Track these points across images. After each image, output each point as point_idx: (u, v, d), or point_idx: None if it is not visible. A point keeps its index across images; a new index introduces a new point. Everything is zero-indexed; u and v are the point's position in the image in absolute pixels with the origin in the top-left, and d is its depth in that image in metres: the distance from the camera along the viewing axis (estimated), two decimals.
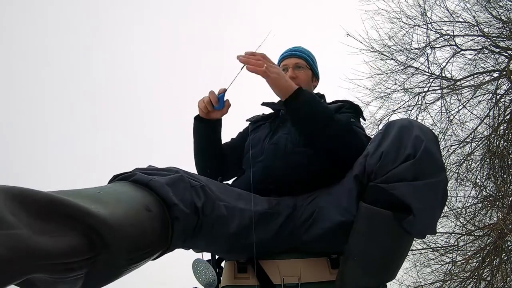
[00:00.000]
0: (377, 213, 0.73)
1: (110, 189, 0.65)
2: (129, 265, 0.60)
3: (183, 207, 0.71)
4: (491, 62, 4.64)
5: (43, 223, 0.48)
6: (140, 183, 0.69)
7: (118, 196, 0.63)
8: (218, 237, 0.83)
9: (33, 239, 0.45)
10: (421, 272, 4.42)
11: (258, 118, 1.29)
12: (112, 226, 0.54)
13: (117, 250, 0.55)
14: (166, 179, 0.72)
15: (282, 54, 1.34)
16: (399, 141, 0.73)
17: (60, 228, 0.49)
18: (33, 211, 0.47)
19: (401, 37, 4.73)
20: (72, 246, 0.50)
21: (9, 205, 0.45)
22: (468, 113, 4.75)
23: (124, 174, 0.72)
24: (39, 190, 0.50)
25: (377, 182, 0.74)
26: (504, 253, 3.70)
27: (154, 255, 0.68)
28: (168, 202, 0.69)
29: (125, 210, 0.60)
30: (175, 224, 0.69)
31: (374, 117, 4.91)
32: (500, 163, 4.32)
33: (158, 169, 0.78)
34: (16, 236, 0.44)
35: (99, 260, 0.53)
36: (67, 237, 0.50)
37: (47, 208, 0.49)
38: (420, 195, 0.69)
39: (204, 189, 0.80)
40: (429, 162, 0.70)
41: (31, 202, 0.48)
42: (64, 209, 0.50)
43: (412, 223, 0.70)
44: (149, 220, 0.63)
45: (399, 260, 0.79)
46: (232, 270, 0.92)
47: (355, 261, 0.78)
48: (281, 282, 0.88)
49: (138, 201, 0.65)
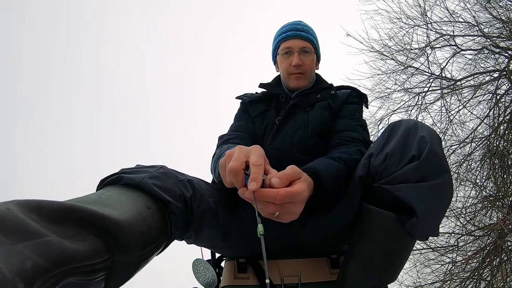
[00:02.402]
0: (380, 214, 0.73)
1: (109, 193, 0.67)
2: (141, 261, 0.63)
3: (175, 202, 0.72)
4: (491, 62, 4.64)
5: (64, 229, 0.50)
6: (131, 186, 0.70)
7: (119, 199, 0.65)
8: (207, 229, 0.83)
9: (63, 244, 0.48)
10: (421, 272, 4.41)
11: (253, 98, 1.19)
12: (123, 226, 0.57)
13: (129, 248, 0.58)
14: (153, 175, 0.73)
15: (284, 31, 1.17)
16: (404, 142, 0.72)
17: (79, 232, 0.52)
18: (53, 220, 0.50)
19: (401, 37, 4.73)
20: (94, 249, 0.53)
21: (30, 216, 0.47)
22: (468, 113, 4.75)
23: (111, 178, 0.73)
24: (52, 200, 0.52)
25: (381, 183, 0.73)
26: (504, 253, 3.69)
27: (160, 248, 0.70)
28: (163, 200, 0.70)
29: (130, 210, 0.62)
30: (171, 218, 0.71)
31: (374, 117, 4.92)
32: (500, 163, 4.32)
33: (143, 167, 0.79)
34: (48, 244, 0.46)
35: (115, 260, 0.56)
36: (87, 240, 0.52)
37: (64, 215, 0.51)
38: (424, 197, 0.68)
39: (191, 183, 0.81)
40: (434, 163, 0.69)
41: (49, 211, 0.50)
42: (79, 215, 0.53)
43: (415, 226, 0.69)
44: (151, 217, 0.66)
45: (400, 262, 0.79)
46: (232, 270, 0.92)
47: (357, 262, 0.77)
48: (281, 282, 0.88)
49: (137, 201, 0.67)
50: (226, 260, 0.98)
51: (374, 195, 0.76)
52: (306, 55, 1.14)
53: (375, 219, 0.74)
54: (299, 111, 1.10)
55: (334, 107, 1.10)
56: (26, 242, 0.44)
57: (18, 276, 0.40)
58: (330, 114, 1.08)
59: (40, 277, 0.43)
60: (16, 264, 0.41)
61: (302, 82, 1.15)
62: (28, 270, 0.41)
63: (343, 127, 1.05)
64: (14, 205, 0.47)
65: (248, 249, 0.92)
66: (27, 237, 0.44)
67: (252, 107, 1.17)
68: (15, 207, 0.47)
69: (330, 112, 1.09)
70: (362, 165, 0.79)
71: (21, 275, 0.40)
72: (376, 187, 0.75)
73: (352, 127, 1.04)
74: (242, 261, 0.92)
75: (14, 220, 0.45)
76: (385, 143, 0.76)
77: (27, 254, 0.42)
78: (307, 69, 1.15)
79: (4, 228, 0.43)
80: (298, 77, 1.14)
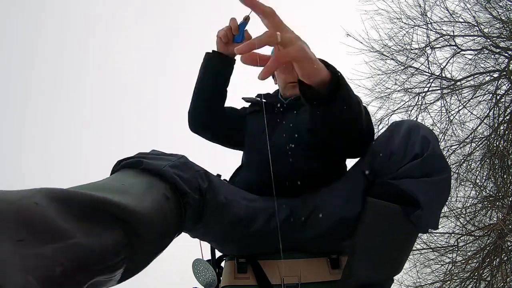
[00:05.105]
0: (385, 206, 0.75)
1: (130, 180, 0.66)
2: (156, 252, 0.64)
3: (193, 194, 0.73)
4: (491, 62, 4.64)
5: (91, 225, 0.48)
6: (152, 172, 0.70)
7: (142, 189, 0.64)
8: (216, 224, 0.84)
9: (91, 246, 0.45)
10: (421, 272, 4.41)
11: (254, 101, 1.25)
12: (148, 223, 0.57)
13: (147, 239, 0.58)
14: (175, 165, 0.74)
15: None
16: (407, 141, 0.76)
17: (104, 227, 0.50)
18: (80, 215, 0.47)
19: (401, 37, 4.73)
20: (117, 243, 0.51)
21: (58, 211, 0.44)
22: (468, 113, 4.75)
23: (129, 160, 0.73)
24: (79, 191, 0.49)
25: (385, 179, 0.77)
26: (504, 253, 3.69)
27: (172, 239, 0.71)
28: (181, 190, 0.71)
29: (151, 200, 0.62)
30: (187, 208, 0.72)
31: (374, 117, 4.91)
32: (500, 163, 4.31)
33: (163, 154, 0.79)
34: (77, 246, 0.43)
35: (133, 250, 0.55)
36: (111, 234, 0.50)
37: (91, 209, 0.49)
38: (427, 191, 0.72)
39: (207, 175, 0.83)
40: (435, 161, 0.73)
41: (76, 205, 0.47)
42: (109, 209, 0.51)
43: (420, 217, 0.73)
44: (168, 206, 0.66)
45: (405, 255, 0.81)
46: (232, 270, 0.92)
47: (363, 255, 0.79)
48: (281, 282, 0.88)
49: (158, 190, 0.67)
50: (226, 260, 0.98)
51: (379, 189, 0.79)
52: None
53: (381, 211, 0.77)
54: (292, 111, 1.14)
55: None
56: (55, 244, 0.41)
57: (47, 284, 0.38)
58: None
59: (69, 283, 0.41)
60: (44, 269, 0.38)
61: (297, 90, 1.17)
62: (57, 277, 0.39)
63: None
64: (42, 196, 0.44)
65: (248, 249, 0.92)
66: (56, 239, 0.41)
67: (250, 107, 1.25)
68: (43, 200, 0.43)
69: None
70: (366, 163, 0.83)
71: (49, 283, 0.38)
72: (380, 182, 0.78)
73: None
74: (242, 261, 0.92)
75: (43, 217, 0.41)
76: (388, 141, 0.79)
77: (56, 259, 0.40)
78: None
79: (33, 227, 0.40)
80: (294, 85, 1.18)
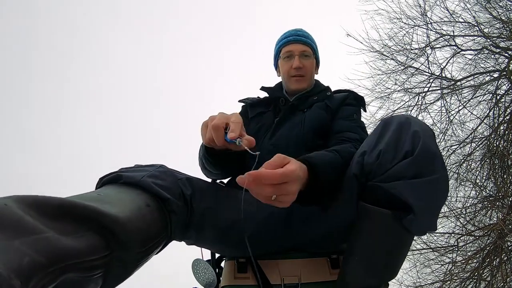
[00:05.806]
0: (377, 212, 0.73)
1: (108, 191, 0.67)
2: (140, 259, 0.64)
3: (175, 200, 0.73)
4: (491, 62, 4.65)
5: (63, 226, 0.50)
6: (131, 184, 0.71)
7: (118, 196, 0.66)
8: (208, 229, 0.84)
9: (61, 241, 0.47)
10: (421, 272, 4.42)
11: (254, 101, 1.23)
12: (123, 224, 0.57)
13: (129, 246, 0.58)
14: (153, 174, 0.75)
15: (285, 37, 1.22)
16: (397, 139, 0.72)
17: (78, 229, 0.52)
18: (51, 216, 0.49)
19: (401, 37, 4.74)
20: (92, 245, 0.52)
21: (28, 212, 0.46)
22: (468, 113, 4.76)
23: (110, 176, 0.74)
24: (50, 196, 0.51)
25: (376, 181, 0.73)
26: (504, 253, 3.69)
27: (159, 247, 0.71)
28: (162, 198, 0.71)
29: (129, 208, 0.63)
30: (172, 216, 0.72)
31: (374, 117, 4.91)
32: (500, 163, 4.31)
33: (142, 166, 0.80)
34: (46, 240, 0.45)
35: (114, 257, 0.56)
36: (85, 236, 0.52)
37: (62, 211, 0.51)
38: (420, 193, 0.68)
39: (190, 181, 0.82)
40: (427, 158, 0.68)
41: (47, 207, 0.49)
42: (78, 211, 0.52)
43: (412, 222, 0.70)
44: (150, 214, 0.67)
45: (400, 258, 0.80)
46: (232, 270, 0.92)
47: (356, 260, 0.78)
48: (281, 282, 0.87)
49: (137, 199, 0.67)
50: (226, 260, 0.98)
51: (370, 193, 0.75)
52: (306, 58, 1.18)
53: (372, 217, 0.75)
54: (297, 112, 1.13)
55: (332, 107, 1.11)
56: (23, 238, 0.43)
57: (14, 273, 0.39)
58: (327, 114, 1.10)
59: (37, 274, 0.42)
60: (12, 260, 0.40)
61: (302, 84, 1.19)
62: (25, 267, 0.41)
63: (342, 128, 1.05)
64: (12, 200, 0.47)
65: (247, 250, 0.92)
66: (24, 233, 0.44)
67: (251, 109, 1.22)
68: (13, 203, 0.46)
69: (328, 111, 1.10)
70: (356, 163, 0.78)
71: (17, 272, 0.40)
72: (371, 185, 0.74)
73: (351, 128, 1.05)
74: (242, 261, 0.92)
75: (11, 216, 0.44)
76: (378, 140, 0.76)
77: (24, 251, 0.42)
78: (307, 72, 1.18)
79: (1, 224, 0.43)
80: (299, 79, 1.18)
